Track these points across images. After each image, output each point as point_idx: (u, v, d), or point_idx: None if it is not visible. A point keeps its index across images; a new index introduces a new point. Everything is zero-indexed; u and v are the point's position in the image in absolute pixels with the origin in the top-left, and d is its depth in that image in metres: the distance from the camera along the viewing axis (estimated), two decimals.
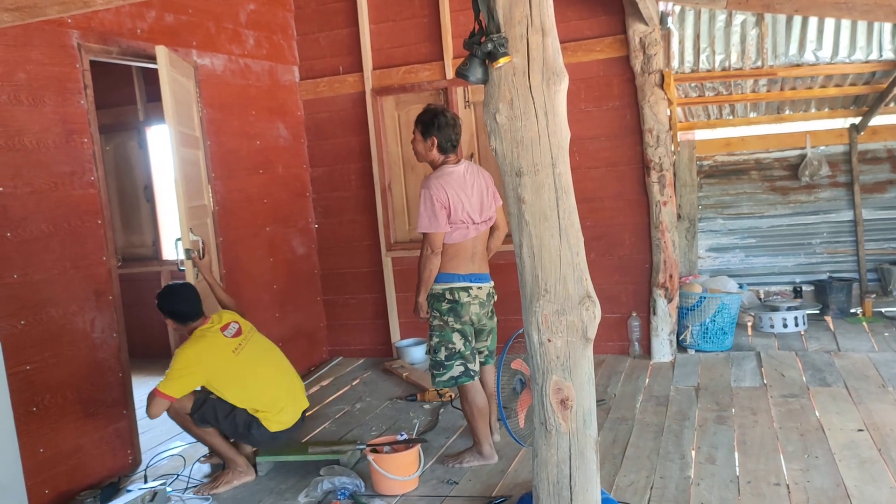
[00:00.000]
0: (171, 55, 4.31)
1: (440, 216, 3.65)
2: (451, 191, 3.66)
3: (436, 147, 3.76)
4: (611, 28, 5.44)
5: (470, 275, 3.80)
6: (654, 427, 4.21)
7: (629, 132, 5.49)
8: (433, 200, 3.64)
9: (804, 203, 6.52)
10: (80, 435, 3.92)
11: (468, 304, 3.78)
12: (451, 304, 3.76)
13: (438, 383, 3.81)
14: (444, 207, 3.65)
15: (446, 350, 3.77)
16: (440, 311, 3.78)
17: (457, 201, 3.67)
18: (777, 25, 5.56)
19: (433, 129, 3.74)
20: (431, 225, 3.66)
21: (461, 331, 3.78)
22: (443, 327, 3.78)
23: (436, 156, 3.79)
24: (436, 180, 3.68)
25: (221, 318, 3.97)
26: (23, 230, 3.68)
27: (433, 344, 3.82)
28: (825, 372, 4.88)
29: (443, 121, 3.74)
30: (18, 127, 3.69)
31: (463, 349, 3.77)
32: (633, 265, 5.60)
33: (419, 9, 5.87)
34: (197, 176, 4.71)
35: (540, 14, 2.25)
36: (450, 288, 3.76)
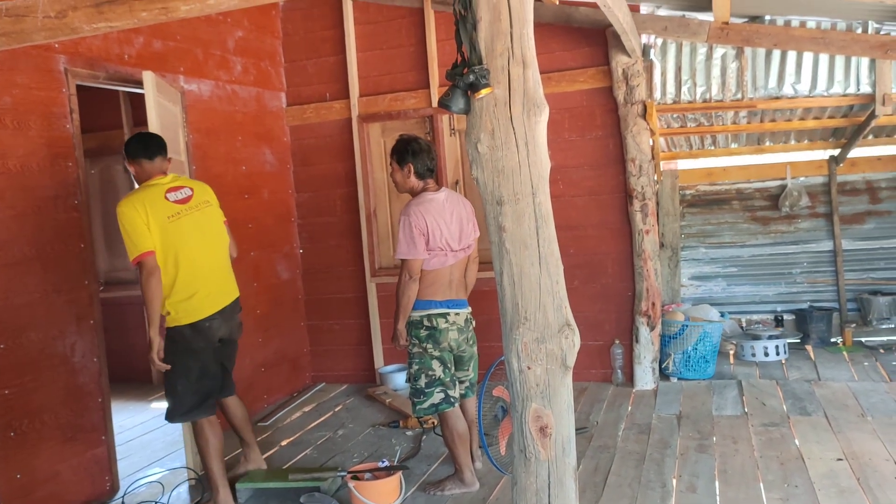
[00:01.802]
0: (158, 81, 4.33)
1: (419, 243, 3.67)
2: (431, 217, 3.69)
3: (413, 174, 3.80)
4: (594, 59, 5.52)
5: (447, 301, 3.82)
6: (635, 455, 4.22)
7: (612, 161, 5.56)
8: (412, 227, 3.66)
9: (785, 233, 6.60)
10: (58, 460, 3.88)
11: (446, 330, 3.80)
12: (429, 330, 3.77)
13: (419, 411, 3.81)
14: (423, 234, 3.68)
15: (426, 377, 3.77)
16: (419, 337, 3.78)
17: (435, 228, 3.70)
18: (756, 59, 5.66)
19: (408, 156, 3.79)
20: (410, 251, 3.68)
21: (440, 357, 3.79)
22: (422, 354, 3.79)
23: (414, 182, 3.83)
24: (415, 207, 3.71)
25: (178, 179, 3.77)
26: (4, 253, 3.67)
27: (413, 371, 3.82)
28: (805, 401, 4.92)
29: (416, 147, 3.80)
30: (2, 150, 3.69)
31: (443, 376, 3.78)
32: (616, 293, 5.64)
33: (406, 38, 5.94)
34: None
35: (521, 47, 2.29)
36: (427, 315, 3.77)
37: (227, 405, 4.12)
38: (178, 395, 3.71)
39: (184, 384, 3.70)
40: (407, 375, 3.86)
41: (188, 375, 3.70)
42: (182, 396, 3.71)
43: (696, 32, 5.17)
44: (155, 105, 4.20)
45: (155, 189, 3.67)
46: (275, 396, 5.85)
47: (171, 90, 4.71)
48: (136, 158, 3.73)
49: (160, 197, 3.64)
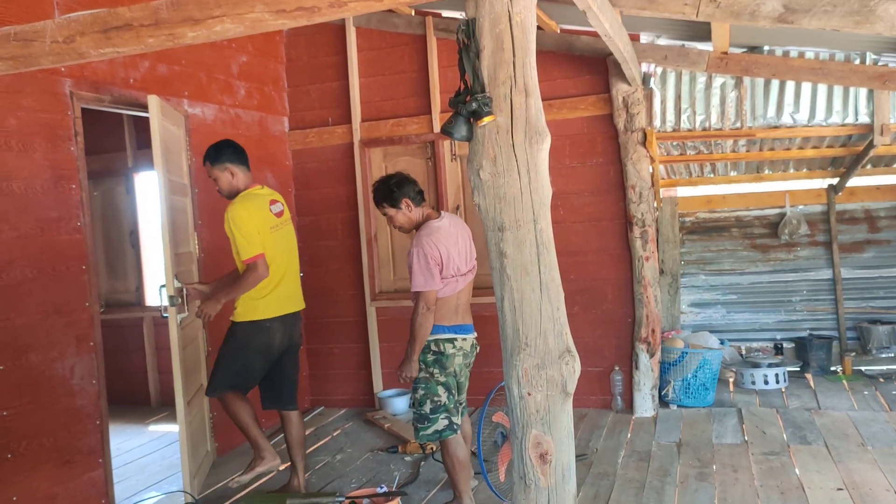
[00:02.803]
0: (163, 104, 4.37)
1: (435, 273, 3.63)
2: (443, 246, 3.67)
3: (412, 204, 3.78)
4: (595, 87, 5.57)
5: (455, 326, 3.80)
6: (635, 483, 4.19)
7: (612, 188, 5.59)
8: (427, 258, 3.61)
9: (784, 261, 6.62)
10: (55, 483, 3.86)
11: (453, 355, 3.77)
12: (436, 355, 3.75)
13: (422, 437, 3.75)
14: (438, 264, 3.64)
15: (432, 403, 3.72)
16: (426, 362, 3.75)
17: (447, 256, 3.68)
18: (755, 88, 5.72)
19: (397, 192, 3.75)
20: (427, 283, 3.62)
21: (445, 384, 3.75)
22: (428, 380, 3.75)
23: (416, 213, 3.80)
24: (427, 238, 3.66)
25: (272, 192, 4.13)
26: (6, 274, 3.68)
27: (418, 397, 3.76)
28: (805, 430, 4.90)
29: (397, 180, 3.78)
30: (7, 172, 3.72)
31: (447, 402, 3.74)
32: (615, 319, 5.64)
33: (408, 64, 6.00)
34: (184, 223, 4.74)
35: (524, 76, 2.33)
36: (435, 340, 3.74)
37: (288, 420, 4.24)
38: (215, 379, 4.05)
39: (223, 372, 4.02)
40: (411, 400, 3.82)
41: (231, 367, 4.02)
42: (218, 380, 4.04)
43: (696, 62, 5.23)
44: (159, 128, 4.23)
45: (261, 199, 3.99)
46: (273, 420, 5.81)
47: (176, 114, 4.75)
48: (229, 164, 3.97)
49: (265, 207, 3.99)
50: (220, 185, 4.02)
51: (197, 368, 4.74)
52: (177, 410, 4.21)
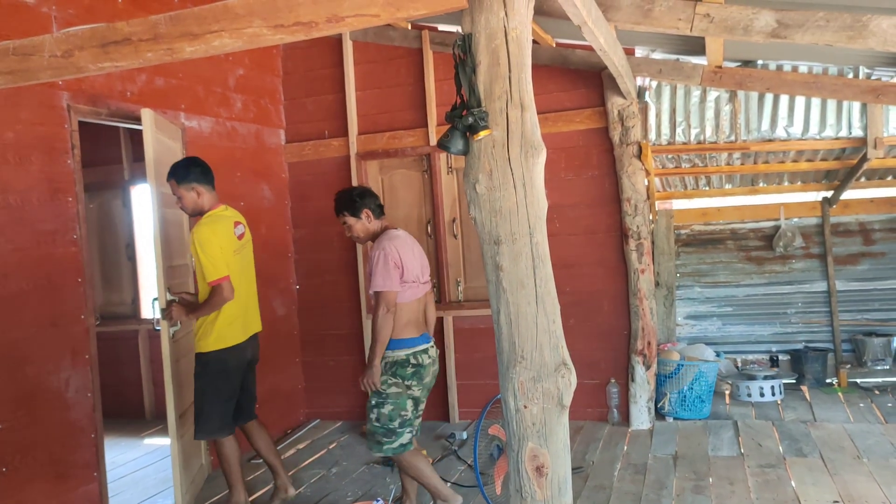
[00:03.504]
0: (157, 117, 4.39)
1: (394, 275, 3.70)
2: (403, 251, 3.77)
3: (372, 215, 3.86)
4: (590, 100, 5.61)
5: (423, 336, 3.87)
6: (631, 496, 4.19)
7: (608, 201, 5.61)
8: (387, 260, 3.70)
9: (779, 273, 6.64)
10: (50, 497, 3.85)
11: (429, 365, 3.84)
12: (415, 367, 3.78)
13: (388, 450, 3.76)
14: (398, 267, 3.73)
15: (400, 418, 3.75)
16: (404, 376, 3.75)
17: (408, 261, 3.78)
18: (749, 102, 5.75)
19: (359, 202, 3.85)
20: (386, 283, 3.69)
21: (418, 398, 3.81)
22: (400, 394, 3.75)
23: (375, 224, 3.89)
24: (388, 242, 3.76)
25: (236, 213, 4.14)
26: (2, 287, 3.68)
27: (386, 412, 3.73)
28: (801, 442, 4.90)
29: (360, 191, 3.90)
30: (3, 185, 3.73)
31: (412, 416, 3.80)
32: (611, 331, 5.65)
33: (405, 77, 6.03)
34: (179, 236, 4.74)
35: (519, 90, 2.34)
36: (414, 353, 3.78)
37: (253, 428, 4.28)
38: (206, 416, 4.00)
39: (214, 405, 4.02)
40: (376, 415, 3.76)
41: (218, 396, 4.03)
42: (212, 416, 4.00)
43: (690, 76, 5.26)
44: (153, 141, 4.24)
45: (226, 221, 4.02)
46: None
47: (171, 127, 4.77)
48: (196, 184, 3.96)
49: (231, 230, 4.01)
50: (185, 203, 4.01)
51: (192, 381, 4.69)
52: (168, 425, 4.21)
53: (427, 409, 6.02)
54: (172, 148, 4.75)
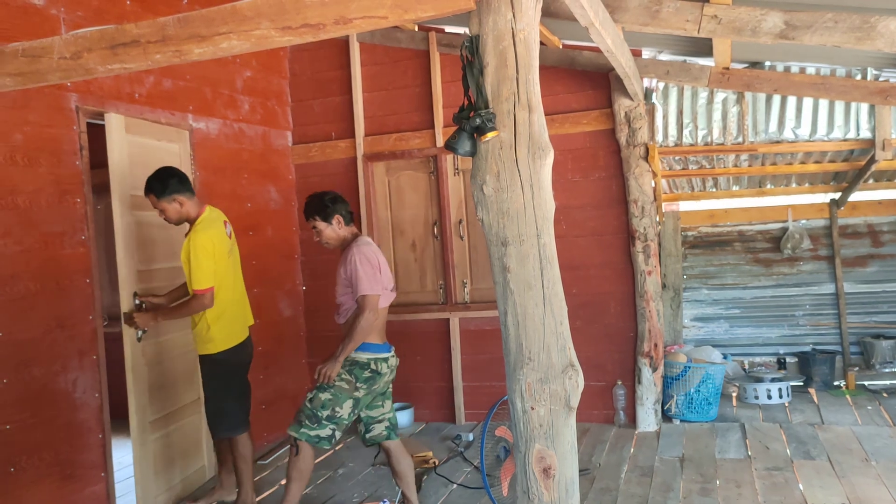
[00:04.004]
0: (133, 122, 4.38)
1: (377, 279, 3.70)
2: (377, 257, 3.78)
3: (342, 222, 3.82)
4: (597, 102, 5.60)
5: (386, 344, 3.84)
6: (638, 498, 4.18)
7: (615, 202, 5.60)
8: (370, 263, 3.68)
9: (787, 275, 6.62)
10: (57, 498, 3.85)
11: (386, 374, 3.80)
12: (373, 373, 3.74)
13: (302, 434, 3.66)
14: (379, 272, 3.73)
15: (331, 411, 3.67)
16: (358, 377, 3.71)
17: (383, 266, 3.78)
18: (757, 103, 5.74)
19: (331, 207, 3.80)
20: (373, 287, 3.66)
21: (360, 400, 3.74)
22: (345, 391, 3.69)
23: (346, 231, 3.85)
24: (366, 247, 3.75)
25: (220, 212, 4.14)
26: (10, 288, 3.69)
27: (322, 398, 3.66)
28: (809, 445, 4.88)
29: (332, 197, 3.84)
30: (12, 186, 3.73)
31: (346, 418, 3.70)
32: (618, 333, 5.64)
33: (411, 79, 6.03)
34: (164, 237, 4.63)
35: (527, 92, 2.34)
36: (375, 358, 3.75)
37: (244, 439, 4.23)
38: (226, 414, 4.05)
39: (231, 403, 4.09)
40: (311, 396, 3.70)
41: (232, 394, 4.12)
42: (230, 414, 4.08)
43: (698, 77, 5.26)
44: (117, 147, 4.22)
45: (218, 224, 4.05)
46: (275, 434, 5.81)
47: (169, 129, 4.76)
48: (176, 195, 3.96)
49: (223, 232, 4.06)
50: (169, 216, 4.02)
51: (178, 383, 4.66)
52: (131, 429, 4.25)
53: (433, 410, 6.08)
54: (170, 150, 4.75)
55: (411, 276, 6.16)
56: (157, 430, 4.44)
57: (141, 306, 4.24)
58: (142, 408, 4.31)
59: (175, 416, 4.61)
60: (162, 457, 4.48)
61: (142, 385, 4.32)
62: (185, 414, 4.70)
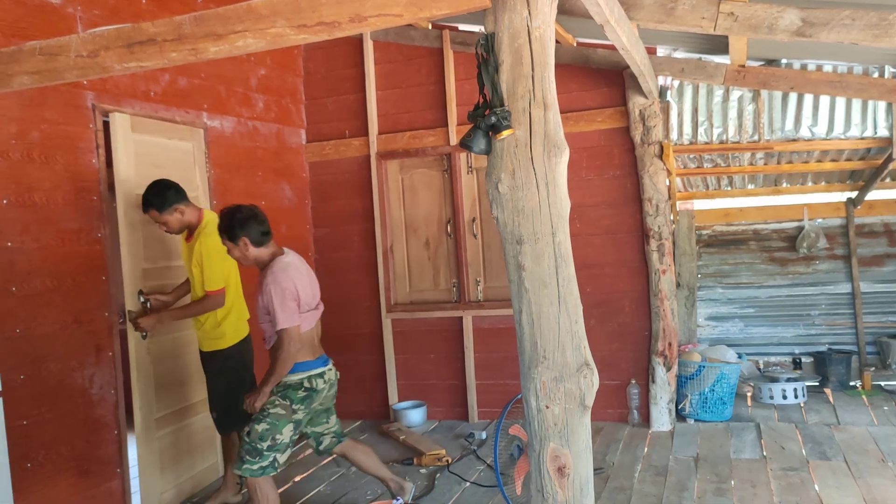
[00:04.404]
0: (142, 121, 4.41)
1: (295, 308, 3.57)
2: (297, 280, 3.62)
3: (250, 245, 3.64)
4: (612, 100, 5.58)
5: (320, 358, 3.76)
6: (652, 498, 4.17)
7: (629, 201, 5.58)
8: (285, 294, 3.53)
9: (803, 274, 6.57)
10: (73, 493, 3.89)
11: (323, 390, 3.73)
12: (307, 391, 3.65)
13: (246, 471, 3.56)
14: (295, 299, 3.58)
15: (271, 441, 3.57)
16: (293, 399, 3.62)
17: (303, 290, 3.64)
18: (773, 101, 5.70)
19: (237, 229, 3.63)
20: (290, 319, 3.54)
21: (300, 421, 3.66)
22: (281, 417, 3.59)
23: (255, 252, 3.67)
24: (281, 273, 3.59)
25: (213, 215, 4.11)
26: (27, 285, 3.72)
27: (259, 430, 3.56)
28: (825, 445, 4.85)
29: (241, 218, 3.64)
30: (29, 184, 3.77)
31: (287, 441, 3.62)
32: (632, 332, 5.62)
33: (425, 77, 6.03)
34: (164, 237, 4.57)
35: (542, 89, 2.33)
36: (308, 376, 3.66)
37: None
38: (237, 407, 3.97)
39: (237, 397, 4.02)
40: (248, 430, 3.60)
41: (244, 386, 4.18)
42: (236, 409, 4.00)
43: (713, 75, 5.22)
44: (122, 146, 4.23)
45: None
46: None
47: (182, 128, 4.77)
48: (176, 205, 4.03)
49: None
50: (171, 227, 4.07)
51: (189, 380, 4.67)
52: (135, 426, 4.26)
53: (446, 408, 6.08)
54: (183, 149, 4.77)
55: (424, 274, 6.16)
56: (164, 426, 4.46)
57: (146, 304, 4.25)
58: (147, 404, 4.33)
59: (185, 412, 4.63)
60: (170, 453, 4.49)
61: (147, 382, 4.33)
62: (196, 410, 4.72)
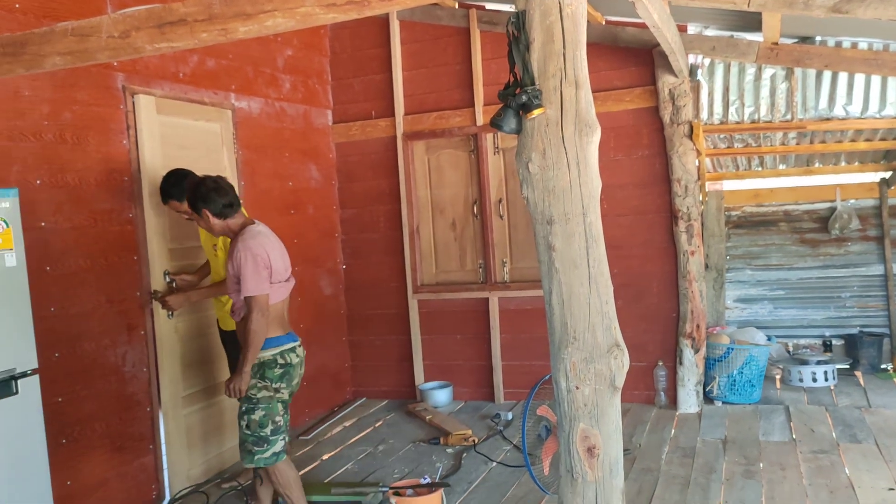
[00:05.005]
0: (168, 102, 4.43)
1: (265, 277, 3.45)
2: (269, 249, 3.52)
3: (211, 216, 3.56)
4: (641, 79, 5.51)
5: (289, 334, 3.64)
6: (680, 479, 4.16)
7: (658, 181, 5.52)
8: (256, 261, 3.42)
9: (834, 256, 6.47)
10: (107, 468, 3.96)
11: (298, 364, 3.62)
12: (283, 368, 3.54)
13: (259, 461, 3.50)
14: (267, 267, 3.47)
15: (273, 424, 3.51)
16: (272, 378, 3.51)
17: (276, 259, 3.54)
18: (807, 80, 5.59)
19: (199, 202, 3.55)
20: (259, 286, 3.42)
21: (286, 401, 3.59)
22: (270, 398, 3.51)
23: (219, 223, 3.59)
24: (252, 240, 3.48)
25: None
26: (61, 264, 3.77)
27: (257, 418, 3.49)
28: (855, 428, 4.80)
29: (202, 191, 3.54)
30: (62, 165, 3.81)
31: (283, 422, 3.56)
32: (659, 314, 5.58)
33: (452, 57, 5.99)
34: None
35: (574, 67, 2.31)
36: (281, 352, 3.54)
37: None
38: None
39: None
40: (246, 422, 3.53)
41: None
42: None
43: (745, 53, 5.13)
44: (146, 127, 4.24)
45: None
46: (316, 410, 5.90)
47: (209, 109, 4.80)
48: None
49: None
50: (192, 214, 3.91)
51: (205, 361, 4.69)
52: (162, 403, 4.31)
53: (472, 388, 6.10)
54: (208, 130, 4.80)
55: (451, 255, 6.16)
56: (191, 404, 4.52)
57: (172, 284, 4.29)
58: (174, 382, 4.38)
59: (212, 391, 4.68)
60: (197, 431, 4.56)
61: (173, 360, 4.38)
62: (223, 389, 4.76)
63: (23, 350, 3.16)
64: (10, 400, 3.07)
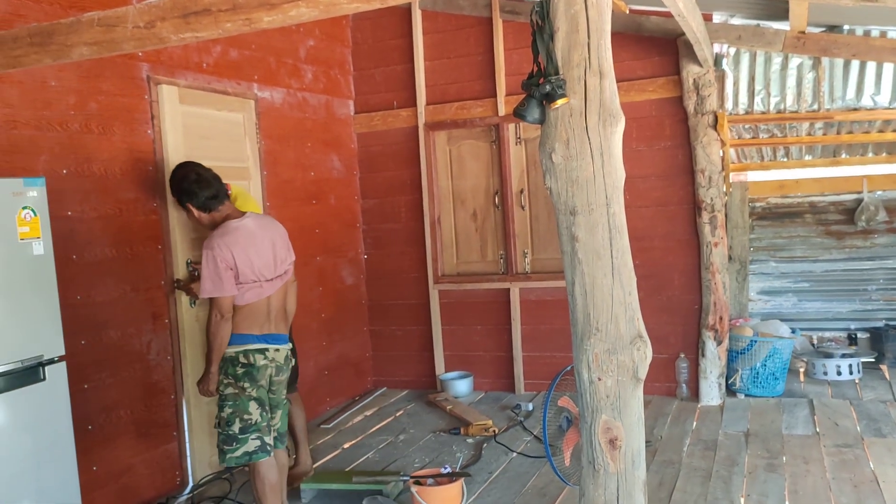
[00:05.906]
0: (191, 92, 4.45)
1: (225, 278, 3.32)
2: (239, 249, 3.36)
3: (196, 210, 3.50)
4: (664, 69, 5.46)
5: (266, 335, 3.48)
6: (701, 472, 4.14)
7: (681, 172, 5.48)
8: (216, 262, 3.30)
9: (860, 248, 6.39)
10: (132, 455, 4.02)
11: (265, 367, 3.44)
12: (245, 367, 3.40)
13: (230, 460, 3.39)
14: (231, 268, 3.33)
15: (241, 422, 3.37)
16: (234, 376, 3.40)
17: (245, 260, 3.37)
18: (834, 69, 5.52)
19: (182, 196, 3.52)
20: (216, 289, 3.32)
21: (258, 399, 3.42)
22: (237, 395, 3.39)
23: (206, 217, 3.51)
24: (219, 239, 3.36)
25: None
26: (87, 253, 3.82)
27: (225, 415, 3.39)
28: (880, 422, 4.74)
29: (187, 185, 3.49)
30: (88, 154, 3.85)
31: (260, 420, 3.41)
32: (682, 306, 5.55)
33: (474, 47, 5.97)
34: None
35: (598, 57, 2.29)
36: (244, 350, 3.41)
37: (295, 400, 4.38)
38: None
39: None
40: (216, 420, 3.46)
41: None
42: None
43: (772, 42, 5.07)
44: (169, 117, 4.26)
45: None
46: (337, 399, 5.93)
47: (232, 99, 4.82)
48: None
49: None
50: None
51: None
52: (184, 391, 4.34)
53: (492, 379, 6.10)
54: (231, 120, 4.82)
55: (472, 245, 6.15)
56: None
57: (195, 273, 4.32)
58: (196, 370, 4.37)
59: None
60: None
61: (195, 348, 4.40)
62: None
63: (50, 337, 3.20)
64: (37, 386, 3.13)
